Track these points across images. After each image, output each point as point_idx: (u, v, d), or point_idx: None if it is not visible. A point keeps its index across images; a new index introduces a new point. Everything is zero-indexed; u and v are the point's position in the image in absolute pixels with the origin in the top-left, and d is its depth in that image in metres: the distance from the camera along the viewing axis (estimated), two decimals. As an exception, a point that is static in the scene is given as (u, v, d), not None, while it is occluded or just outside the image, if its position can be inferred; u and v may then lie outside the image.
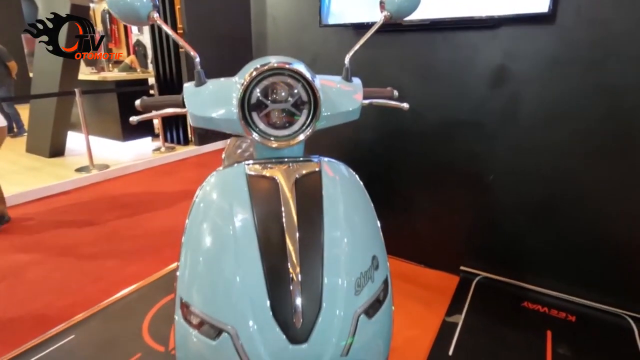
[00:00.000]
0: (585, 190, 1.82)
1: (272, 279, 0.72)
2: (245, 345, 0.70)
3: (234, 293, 0.72)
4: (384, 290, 0.84)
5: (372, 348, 0.81)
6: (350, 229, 0.81)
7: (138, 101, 0.95)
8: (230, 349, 0.71)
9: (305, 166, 0.85)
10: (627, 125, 1.68)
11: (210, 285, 0.76)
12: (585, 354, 1.63)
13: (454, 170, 2.12)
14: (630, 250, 1.78)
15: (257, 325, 0.70)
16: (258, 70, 0.80)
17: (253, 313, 0.71)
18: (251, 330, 0.70)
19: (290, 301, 0.71)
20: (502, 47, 1.87)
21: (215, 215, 0.81)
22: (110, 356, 1.69)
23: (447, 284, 2.14)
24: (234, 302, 0.72)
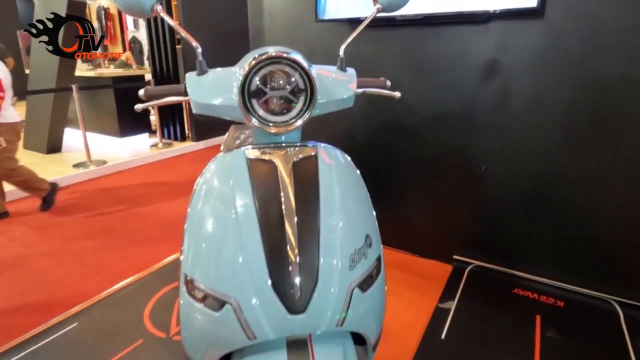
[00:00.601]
0: (573, 181, 1.88)
1: (272, 259, 0.76)
2: (246, 315, 0.75)
3: (237, 269, 0.77)
4: (377, 268, 0.89)
5: (366, 321, 0.86)
6: (345, 210, 0.85)
7: (142, 91, 0.99)
8: (233, 319, 0.75)
9: (302, 151, 0.89)
10: (612, 117, 1.74)
11: (213, 262, 0.80)
12: (573, 337, 1.69)
13: (447, 162, 2.18)
14: (616, 238, 1.84)
15: (257, 297, 0.75)
16: (257, 59, 0.85)
17: (254, 286, 0.75)
18: (252, 301, 0.75)
19: (289, 277, 0.75)
20: (493, 41, 1.92)
21: (217, 197, 0.85)
22: (113, 342, 1.74)
23: (440, 273, 2.20)
24: (237, 277, 0.76)
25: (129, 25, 8.85)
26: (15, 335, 1.81)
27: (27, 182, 3.24)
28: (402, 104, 2.21)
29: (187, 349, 0.89)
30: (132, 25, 8.79)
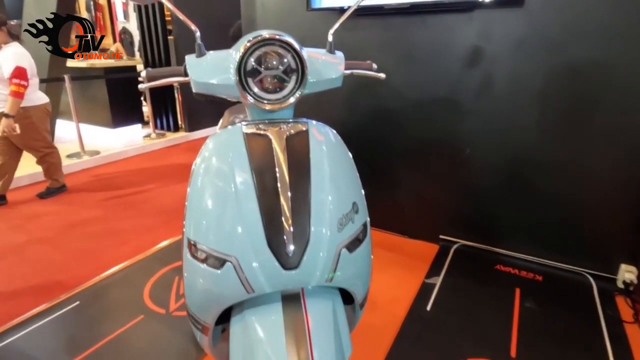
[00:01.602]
0: (550, 163, 1.99)
1: (269, 226, 0.85)
2: (245, 271, 0.83)
3: (236, 232, 0.85)
4: (363, 232, 0.98)
5: (353, 279, 0.95)
6: (334, 180, 0.94)
7: (144, 72, 1.06)
8: (233, 276, 0.84)
9: (294, 127, 0.98)
10: (587, 102, 1.85)
11: (214, 226, 0.88)
12: (549, 307, 1.81)
13: (434, 146, 2.27)
14: (589, 216, 1.96)
15: (255, 255, 0.83)
16: (252, 40, 0.93)
17: (252, 246, 0.84)
18: (250, 259, 0.83)
19: (284, 241, 0.84)
20: (476, 30, 2.01)
21: (217, 169, 0.93)
22: (115, 318, 1.82)
23: (427, 252, 2.31)
24: (236, 239, 0.85)
25: (119, 16, 8.77)
26: (16, 316, 1.87)
27: (54, 167, 3.47)
28: (390, 91, 2.29)
29: (190, 307, 0.97)
30: (122, 16, 8.71)
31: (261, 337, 0.85)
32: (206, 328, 0.95)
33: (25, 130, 3.11)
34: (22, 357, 1.62)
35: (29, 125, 3.17)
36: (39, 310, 1.90)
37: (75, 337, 1.71)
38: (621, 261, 1.92)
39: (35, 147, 3.31)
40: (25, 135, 3.14)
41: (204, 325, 0.94)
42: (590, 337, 1.63)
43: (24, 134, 3.12)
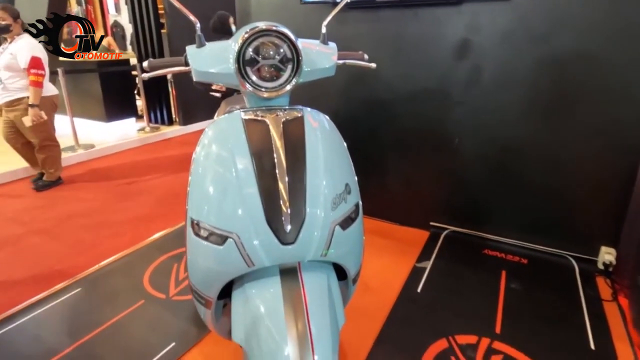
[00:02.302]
0: (534, 152, 2.07)
1: (268, 207, 0.91)
2: (246, 246, 0.90)
3: (237, 211, 0.91)
4: (355, 212, 1.05)
5: (346, 255, 1.02)
6: (328, 163, 1.00)
7: (146, 62, 1.11)
8: (234, 251, 0.90)
9: (290, 114, 1.04)
10: (570, 92, 1.93)
11: (217, 206, 0.94)
12: (533, 288, 1.91)
13: (424, 136, 2.35)
14: (572, 201, 2.05)
15: (255, 231, 0.90)
16: (250, 32, 0.98)
17: (252, 224, 0.90)
18: (250, 235, 0.90)
19: (282, 219, 0.90)
20: (465, 22, 2.07)
21: (218, 152, 0.99)
22: (117, 303, 1.87)
23: (418, 238, 2.39)
24: (237, 217, 0.91)
25: (110, 9, 8.70)
26: (18, 303, 1.91)
27: (52, 159, 3.51)
28: (381, 82, 2.36)
29: (194, 283, 1.04)
30: (114, 9, 8.64)
31: (261, 308, 0.91)
32: (209, 302, 1.01)
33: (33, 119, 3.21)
34: (26, 342, 1.67)
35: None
36: (41, 296, 1.95)
37: (78, 322, 1.76)
38: (601, 244, 2.01)
39: (39, 137, 3.36)
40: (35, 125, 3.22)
41: (207, 299, 1.01)
42: (571, 314, 1.73)
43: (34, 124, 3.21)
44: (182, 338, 1.64)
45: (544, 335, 1.61)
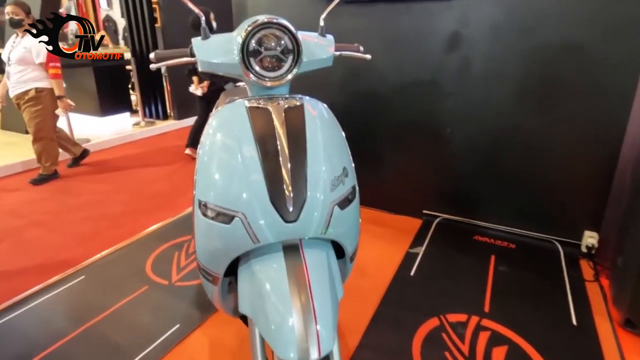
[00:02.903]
0: (521, 140, 2.16)
1: (272, 191, 0.97)
2: (252, 224, 0.96)
3: (243, 192, 0.98)
4: (352, 194, 1.12)
5: (344, 233, 1.09)
6: (326, 148, 1.07)
7: (152, 54, 1.17)
8: (241, 229, 0.97)
9: (290, 102, 1.10)
10: (554, 82, 2.01)
11: (224, 188, 1.01)
12: (520, 270, 2.00)
13: (417, 127, 2.42)
14: (557, 188, 2.14)
15: (260, 210, 0.96)
16: (252, 25, 1.04)
17: (257, 203, 0.97)
18: (256, 213, 0.96)
19: (285, 202, 0.97)
20: (455, 16, 2.15)
21: (224, 138, 1.06)
22: (121, 289, 1.93)
23: (412, 226, 2.48)
24: (243, 197, 0.97)
25: (102, 4, 8.64)
26: (23, 292, 1.96)
27: (47, 153, 3.56)
28: (375, 74, 2.43)
29: (202, 261, 1.11)
30: (105, 4, 8.58)
31: (266, 282, 0.98)
32: (216, 278, 1.08)
33: (35, 112, 3.33)
34: (35, 326, 1.73)
35: (40, 108, 3.38)
36: (47, 283, 2.00)
37: (84, 306, 1.82)
38: (585, 228, 2.11)
39: (39, 127, 3.43)
40: (34, 114, 3.35)
41: (215, 275, 1.08)
42: (555, 294, 1.83)
43: (35, 114, 3.35)
44: (185, 320, 1.71)
45: (529, 313, 1.71)
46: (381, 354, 1.50)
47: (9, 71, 3.34)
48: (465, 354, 1.49)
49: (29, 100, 3.33)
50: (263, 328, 0.93)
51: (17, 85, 3.34)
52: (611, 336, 1.59)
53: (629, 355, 1.50)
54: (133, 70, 5.47)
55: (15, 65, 3.30)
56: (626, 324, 1.62)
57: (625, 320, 1.62)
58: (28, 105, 3.35)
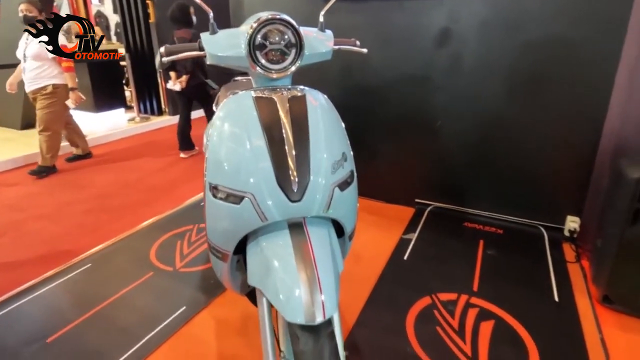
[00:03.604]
0: (508, 131, 2.28)
1: (278, 176, 1.07)
2: (260, 204, 1.05)
3: (252, 175, 1.07)
4: (351, 177, 1.21)
5: (344, 213, 1.19)
6: (327, 135, 1.16)
7: (162, 48, 1.25)
8: (250, 208, 1.06)
9: (293, 92, 1.19)
10: (538, 76, 2.13)
11: (234, 171, 1.10)
12: (507, 253, 2.12)
13: (409, 119, 2.53)
14: (542, 177, 2.27)
15: (268, 191, 1.05)
16: (258, 21, 1.13)
17: (265, 185, 1.06)
18: (264, 195, 1.05)
19: (291, 185, 1.06)
20: (446, 13, 2.25)
21: (232, 125, 1.14)
22: (128, 275, 2.01)
23: (405, 214, 2.59)
24: (252, 179, 1.06)
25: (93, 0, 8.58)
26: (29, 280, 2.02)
27: (50, 145, 3.65)
28: (370, 69, 2.52)
29: (212, 240, 1.19)
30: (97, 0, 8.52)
31: (274, 256, 1.07)
32: (226, 255, 1.17)
33: (49, 105, 3.46)
34: (44, 312, 1.80)
35: (54, 102, 3.51)
36: (54, 272, 2.07)
37: (92, 292, 1.90)
38: (567, 213, 2.24)
39: (50, 120, 3.55)
40: (47, 108, 3.48)
41: (225, 253, 1.17)
42: (539, 274, 1.95)
43: (48, 107, 3.48)
44: (191, 303, 1.80)
45: (515, 291, 1.82)
46: (377, 330, 1.61)
47: (25, 67, 3.48)
48: (455, 328, 1.60)
49: (46, 95, 3.48)
50: (273, 297, 1.02)
51: (34, 81, 3.46)
52: (590, 311, 1.72)
53: (605, 328, 1.63)
54: (127, 66, 5.50)
55: (31, 61, 3.41)
56: (604, 300, 1.74)
57: (604, 297, 1.74)
58: (43, 99, 3.49)
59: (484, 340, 1.54)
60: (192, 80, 3.71)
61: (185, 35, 3.65)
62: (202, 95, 3.87)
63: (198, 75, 3.73)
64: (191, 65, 3.65)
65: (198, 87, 3.77)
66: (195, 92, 3.81)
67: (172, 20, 3.61)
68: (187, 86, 3.71)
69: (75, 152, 4.10)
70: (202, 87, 3.79)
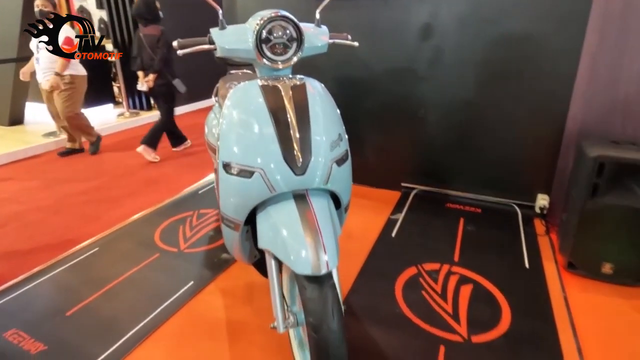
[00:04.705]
0: (484, 118, 2.49)
1: (285, 153, 1.23)
2: (269, 177, 1.22)
3: (262, 153, 1.23)
4: (346, 155, 1.39)
5: (340, 186, 1.36)
6: (325, 119, 1.33)
7: (175, 42, 1.39)
8: (260, 181, 1.22)
9: (294, 81, 1.35)
10: (510, 65, 2.33)
11: (245, 150, 1.25)
12: (484, 229, 2.34)
13: (394, 108, 2.71)
14: (515, 159, 2.49)
15: (275, 166, 1.22)
16: (265, 18, 1.28)
17: (273, 161, 1.22)
18: (272, 169, 1.22)
19: (296, 162, 1.23)
20: (428, 9, 2.43)
21: (243, 110, 1.30)
22: (135, 257, 2.14)
23: (392, 198, 2.78)
24: (262, 156, 1.23)
25: (76, -6, 8.48)
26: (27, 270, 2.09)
27: (83, 127, 4.02)
28: (358, 61, 2.69)
29: (225, 212, 1.35)
30: (80, -6, 8.43)
31: (282, 223, 1.24)
32: (238, 225, 1.33)
33: (69, 95, 3.72)
34: (56, 292, 1.92)
35: (73, 93, 3.78)
36: (63, 256, 2.19)
37: (102, 273, 2.02)
38: (538, 192, 2.47)
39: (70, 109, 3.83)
40: (67, 97, 3.74)
41: (237, 222, 1.33)
42: (512, 246, 2.17)
43: (68, 98, 3.75)
44: (198, 278, 1.95)
45: (491, 260, 2.04)
46: (370, 295, 1.79)
47: (39, 58, 3.67)
48: (439, 292, 1.80)
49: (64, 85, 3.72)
50: (283, 256, 1.19)
51: (49, 71, 3.67)
52: (556, 276, 1.94)
53: (569, 289, 1.85)
54: (116, 61, 5.53)
55: (46, 51, 3.57)
56: (568, 266, 1.97)
57: (568, 263, 1.97)
58: (63, 89, 3.72)
59: (464, 301, 1.75)
60: (159, 79, 3.64)
61: (154, 32, 3.56)
62: (166, 95, 3.77)
63: (165, 75, 3.65)
64: (158, 64, 3.57)
65: (163, 87, 3.70)
66: (160, 91, 3.73)
67: (138, 16, 3.53)
68: (154, 85, 3.64)
69: (70, 146, 4.17)
70: (168, 87, 3.71)
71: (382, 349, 1.50)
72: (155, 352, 1.53)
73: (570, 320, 1.65)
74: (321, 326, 1.10)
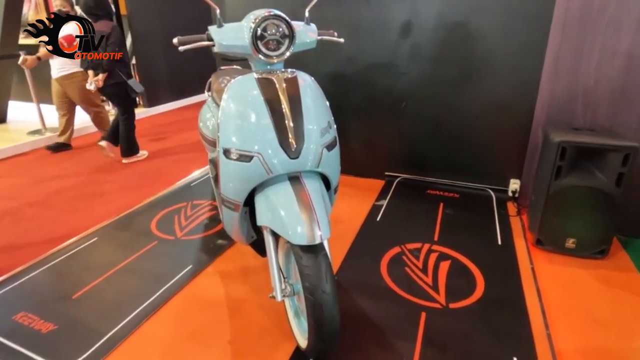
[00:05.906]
0: (461, 109, 2.67)
1: (280, 139, 1.36)
2: (267, 161, 1.35)
3: (259, 139, 1.36)
4: (334, 142, 1.54)
5: (330, 169, 1.51)
6: (315, 109, 1.47)
7: (175, 39, 1.50)
8: (258, 164, 1.36)
9: (286, 74, 1.49)
10: (484, 59, 2.52)
11: (244, 136, 1.38)
12: (462, 212, 2.53)
13: (378, 101, 2.87)
14: (488, 147, 2.68)
15: (272, 152, 1.35)
16: (258, 17, 1.41)
17: (270, 146, 1.36)
18: (269, 154, 1.35)
19: (290, 148, 1.37)
20: (407, 7, 2.59)
21: (241, 101, 1.42)
22: (133, 245, 2.24)
23: (376, 186, 2.94)
24: (260, 142, 1.36)
25: (54, -9, 8.34)
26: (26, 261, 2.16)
27: (103, 119, 4.23)
28: (343, 57, 2.84)
29: (225, 194, 1.48)
30: (58, -9, 8.29)
31: (279, 202, 1.37)
32: (238, 206, 1.47)
33: (83, 89, 3.76)
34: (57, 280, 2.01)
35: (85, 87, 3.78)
36: (63, 246, 2.27)
37: (102, 260, 2.12)
38: (511, 177, 2.67)
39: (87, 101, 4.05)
40: (82, 91, 3.86)
41: (237, 203, 1.46)
42: (486, 226, 2.36)
43: (82, 93, 3.90)
44: (197, 262, 2.07)
45: (467, 239, 2.22)
46: (357, 272, 1.95)
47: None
48: (420, 267, 1.97)
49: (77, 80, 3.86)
50: (281, 231, 1.32)
51: (63, 67, 3.80)
52: (525, 251, 2.14)
53: (536, 262, 2.05)
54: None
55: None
56: (537, 243, 2.17)
57: (537, 240, 2.16)
58: (77, 84, 3.87)
59: (443, 274, 1.92)
60: (110, 79, 3.45)
61: (104, 28, 3.38)
62: (119, 95, 3.61)
63: (117, 74, 3.46)
64: (108, 63, 3.39)
65: (115, 87, 3.52)
66: (112, 91, 3.58)
67: (87, 12, 3.35)
68: (104, 85, 3.45)
69: (63, 140, 4.23)
70: (121, 87, 3.53)
71: (369, 316, 1.66)
72: (161, 327, 1.65)
73: (536, 287, 1.84)
74: (316, 289, 1.25)
